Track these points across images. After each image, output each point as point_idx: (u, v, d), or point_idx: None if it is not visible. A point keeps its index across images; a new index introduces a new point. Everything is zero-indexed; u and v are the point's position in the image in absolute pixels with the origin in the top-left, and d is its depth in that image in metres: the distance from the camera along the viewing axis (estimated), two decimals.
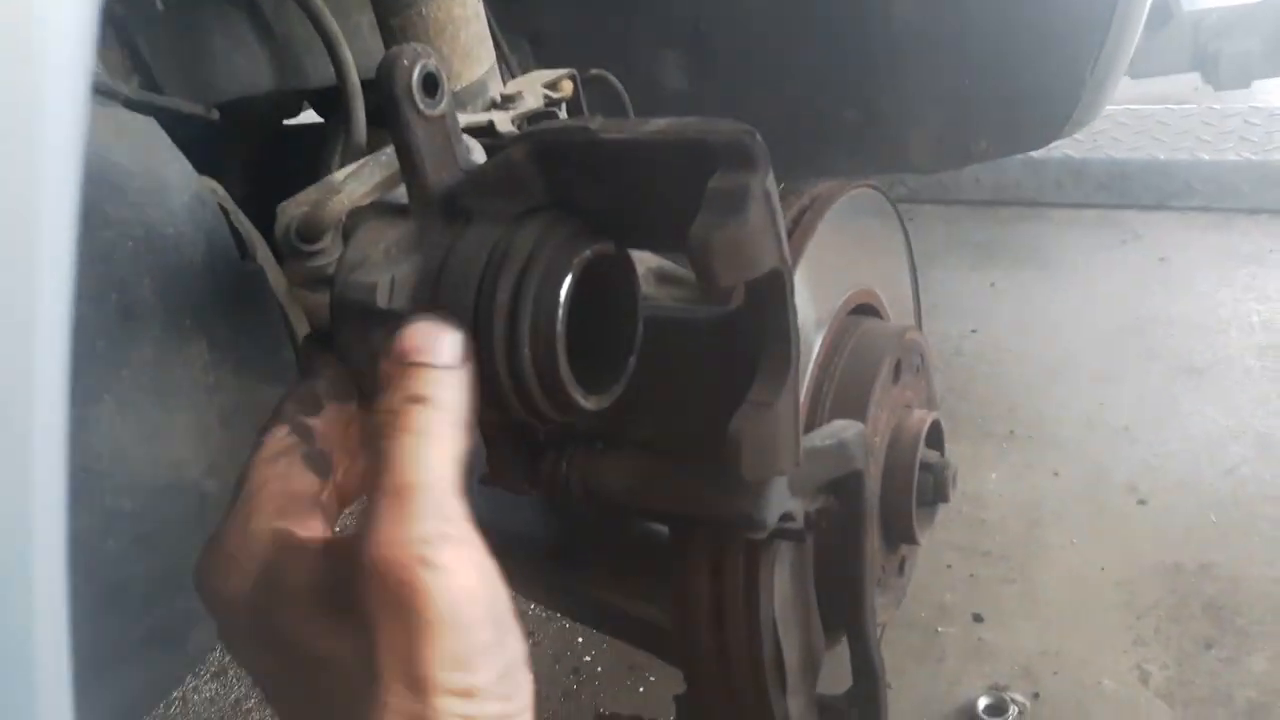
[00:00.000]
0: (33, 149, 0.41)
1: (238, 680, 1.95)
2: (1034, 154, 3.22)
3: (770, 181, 0.61)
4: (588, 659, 1.90)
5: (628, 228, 0.69)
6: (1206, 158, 3.11)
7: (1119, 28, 1.52)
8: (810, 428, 0.91)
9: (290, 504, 0.61)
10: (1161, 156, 3.15)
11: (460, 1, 0.96)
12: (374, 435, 0.56)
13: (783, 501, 0.74)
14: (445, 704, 0.50)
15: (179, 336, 0.83)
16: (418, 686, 0.50)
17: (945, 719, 1.70)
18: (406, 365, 0.57)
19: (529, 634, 1.93)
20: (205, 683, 1.96)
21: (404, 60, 0.66)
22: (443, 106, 0.68)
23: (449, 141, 0.70)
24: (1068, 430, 2.30)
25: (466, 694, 0.51)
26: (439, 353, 0.58)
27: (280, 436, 0.64)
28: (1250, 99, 3.32)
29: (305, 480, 0.62)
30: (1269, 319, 2.56)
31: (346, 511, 0.68)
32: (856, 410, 0.99)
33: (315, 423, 0.65)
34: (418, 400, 0.56)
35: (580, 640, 1.93)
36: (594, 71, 1.13)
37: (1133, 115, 3.37)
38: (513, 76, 1.12)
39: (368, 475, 0.56)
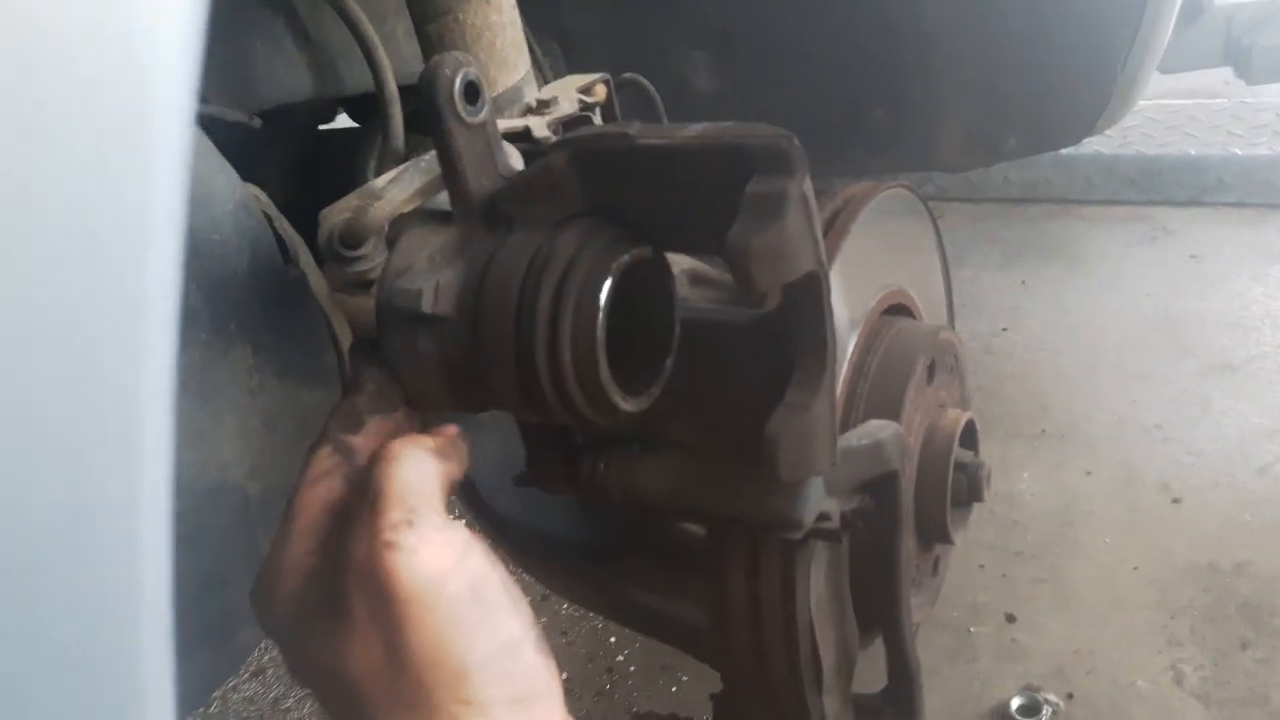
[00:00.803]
0: (145, 158, 0.43)
1: (276, 680, 1.98)
2: (1064, 151, 3.18)
3: (808, 185, 0.62)
4: (620, 658, 1.91)
5: (665, 232, 0.70)
6: (1239, 153, 3.08)
7: (1150, 23, 1.51)
8: (845, 428, 0.91)
9: (332, 526, 0.62)
10: (1193, 152, 3.13)
11: (496, 8, 0.97)
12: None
13: (819, 502, 0.75)
14: (438, 689, 0.53)
15: (225, 341, 0.84)
16: (406, 670, 0.53)
17: (979, 719, 1.70)
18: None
19: (562, 633, 1.95)
20: (245, 681, 1.99)
21: (446, 69, 0.67)
22: (483, 114, 0.70)
23: (489, 148, 0.71)
24: (1099, 429, 2.29)
25: (458, 675, 0.53)
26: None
27: (324, 456, 0.66)
28: None
29: (347, 500, 0.64)
30: None
31: None
32: (891, 410, 0.99)
33: (357, 440, 0.67)
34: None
35: (613, 640, 1.95)
36: (626, 75, 1.14)
37: (1163, 111, 3.35)
38: (547, 81, 1.13)
39: None
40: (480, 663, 0.54)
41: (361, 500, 0.59)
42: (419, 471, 0.59)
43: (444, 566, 0.55)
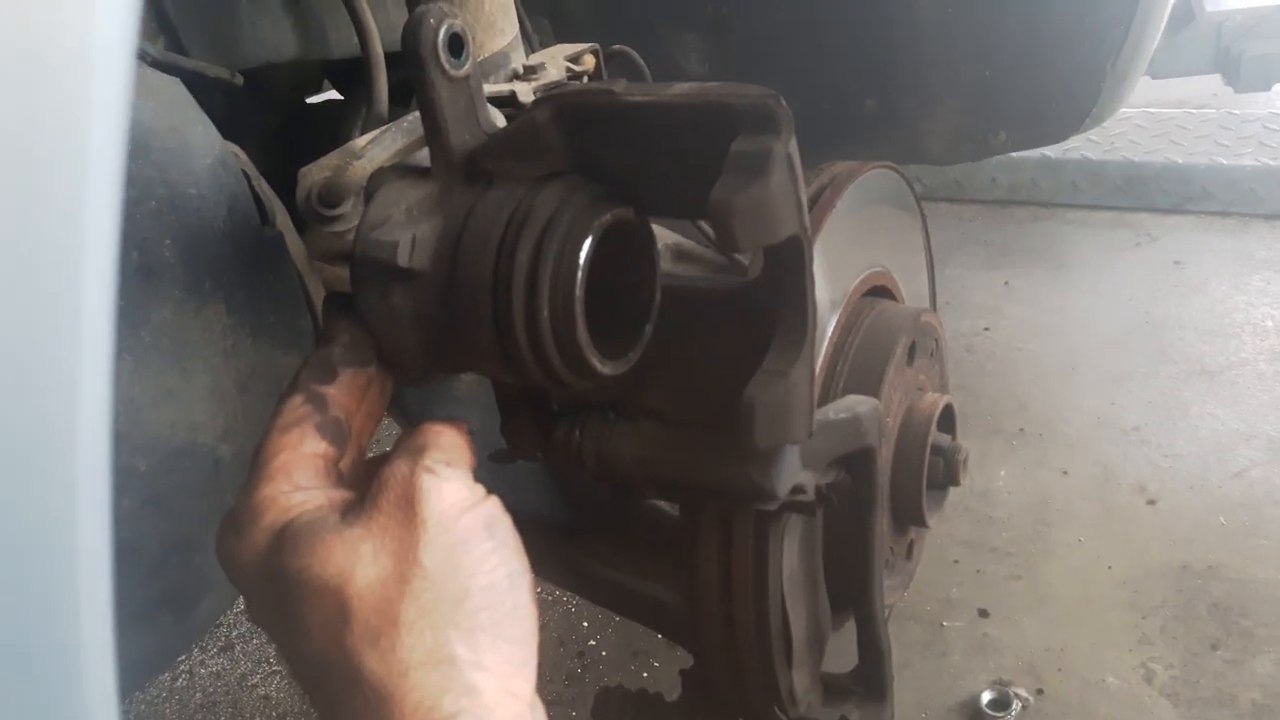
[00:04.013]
0: (82, 105, 0.42)
1: (244, 655, 1.96)
2: (1051, 155, 3.21)
3: (793, 146, 0.61)
4: (593, 643, 1.91)
5: (649, 193, 0.69)
6: (1224, 162, 3.09)
7: (1141, 23, 1.52)
8: (822, 406, 0.91)
9: (300, 472, 0.63)
10: (1179, 160, 3.14)
11: None
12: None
13: (794, 473, 0.74)
14: (436, 608, 0.56)
15: (198, 298, 0.83)
16: (409, 584, 0.56)
17: (949, 713, 1.70)
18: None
19: None
20: (212, 657, 1.97)
21: (430, 19, 0.66)
22: (467, 68, 0.69)
23: (472, 103, 0.70)
24: (1078, 429, 2.29)
25: (457, 596, 0.57)
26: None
27: (295, 405, 0.66)
28: (1270, 104, 3.31)
29: (317, 448, 0.64)
30: None
31: None
32: (870, 390, 0.99)
33: (330, 390, 0.67)
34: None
35: (586, 624, 1.94)
36: (615, 47, 1.13)
37: (1151, 118, 3.36)
38: (535, 50, 1.12)
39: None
40: (481, 588, 0.58)
41: (409, 439, 0.64)
42: (459, 443, 0.65)
43: (464, 501, 0.60)
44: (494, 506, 0.62)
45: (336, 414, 0.66)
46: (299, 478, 0.62)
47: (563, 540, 1.14)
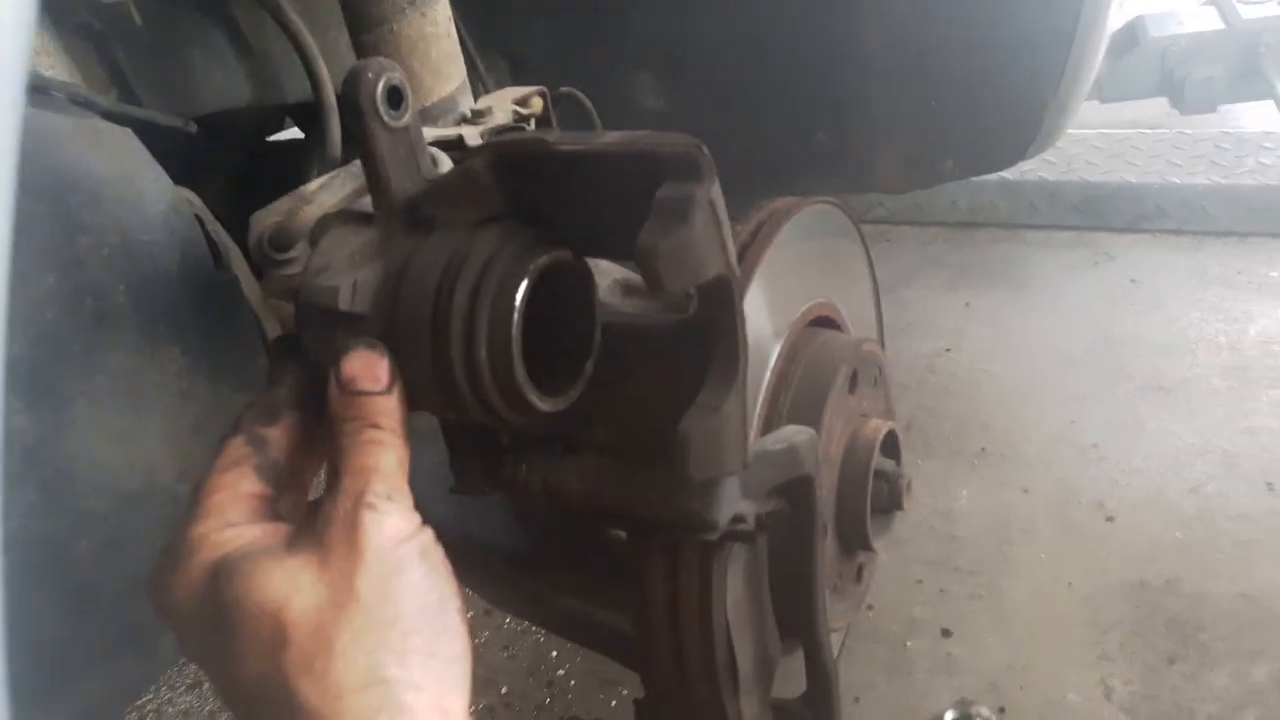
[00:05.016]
0: None
1: (212, 693, 1.95)
2: (1009, 176, 3.27)
3: (716, 191, 0.64)
4: (561, 673, 1.92)
5: (585, 236, 0.72)
6: (1177, 181, 3.16)
7: (1079, 51, 1.56)
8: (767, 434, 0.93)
9: (235, 510, 0.64)
10: (1133, 180, 3.20)
11: (431, 20, 0.99)
12: (334, 445, 0.66)
13: (734, 503, 0.76)
14: (367, 631, 0.58)
15: (153, 343, 0.85)
16: (344, 610, 0.58)
17: None
18: (351, 394, 0.66)
19: (504, 647, 1.96)
20: (181, 695, 1.97)
21: (369, 73, 0.68)
22: (406, 118, 0.71)
23: (413, 152, 0.72)
24: (1038, 448, 2.33)
25: (390, 619, 0.59)
26: (377, 379, 0.67)
27: (236, 446, 0.67)
28: (1220, 124, 3.38)
29: (254, 488, 0.66)
30: (1235, 340, 2.60)
31: None
32: (812, 418, 1.01)
33: (271, 432, 0.69)
34: (365, 422, 0.66)
35: (554, 654, 1.95)
36: (564, 89, 1.16)
37: (1106, 139, 3.43)
38: (486, 93, 1.15)
39: (328, 475, 0.65)
40: (413, 611, 0.60)
41: (338, 472, 0.64)
42: (398, 458, 0.65)
43: (402, 533, 0.62)
44: (428, 537, 0.64)
45: (276, 456, 0.67)
46: (232, 515, 0.64)
47: (524, 571, 1.16)
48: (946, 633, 1.89)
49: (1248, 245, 3.02)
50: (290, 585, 0.59)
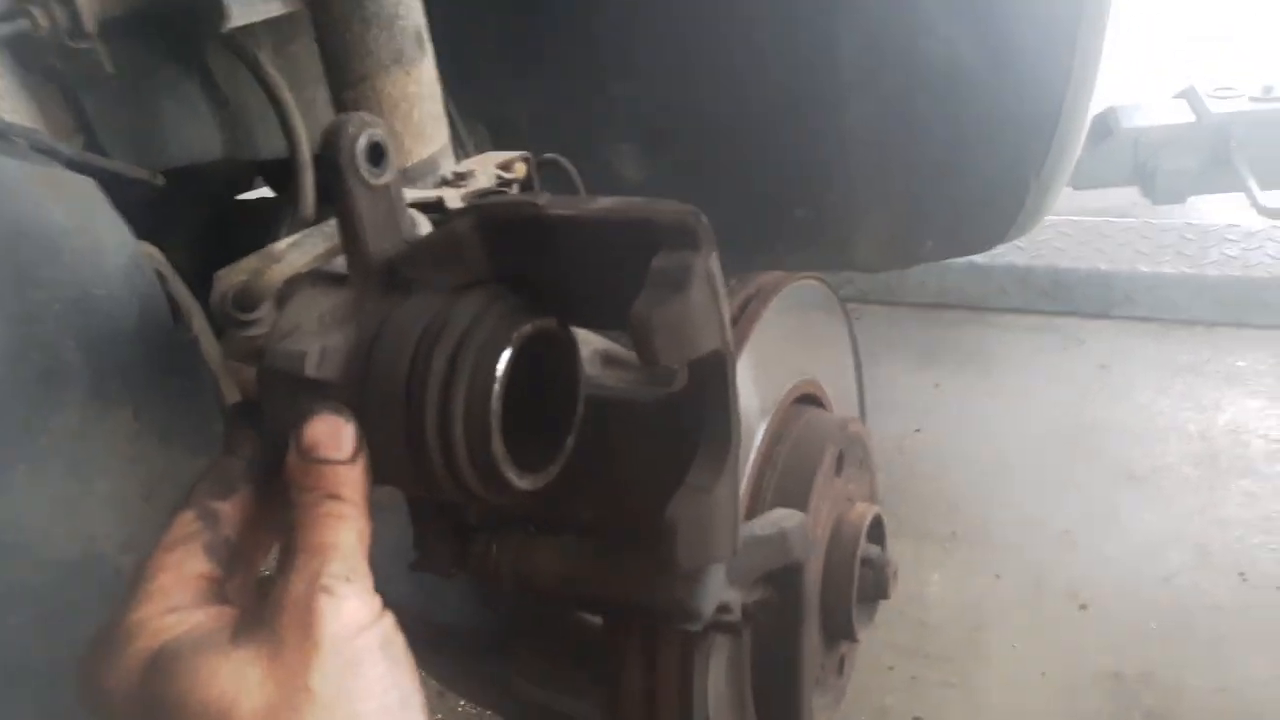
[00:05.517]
0: None
1: None
2: (979, 260, 3.29)
3: (714, 262, 0.60)
4: None
5: (571, 304, 0.68)
6: (1145, 269, 3.19)
7: (1062, 138, 1.57)
8: (751, 517, 0.89)
9: (179, 593, 0.59)
10: (1102, 267, 3.24)
11: (415, 79, 0.96)
12: (290, 518, 0.61)
13: (719, 592, 0.72)
14: None
15: (103, 403, 0.80)
16: (298, 711, 0.53)
17: None
18: (311, 462, 0.61)
19: None
20: None
21: (349, 128, 0.65)
22: (387, 176, 0.67)
23: (392, 211, 0.69)
24: (1009, 533, 2.30)
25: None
26: (340, 447, 0.62)
27: (185, 522, 0.63)
28: (1186, 215, 3.44)
29: (202, 568, 0.61)
30: (1205, 428, 2.61)
31: None
32: (798, 501, 0.97)
33: (224, 507, 0.64)
34: (324, 493, 0.61)
35: None
36: (547, 155, 1.13)
37: (1075, 226, 3.47)
38: (466, 157, 1.12)
39: (281, 552, 0.60)
40: (372, 712, 0.56)
41: (291, 549, 0.60)
42: (358, 533, 0.61)
43: (361, 621, 0.57)
44: (389, 625, 0.59)
45: (227, 532, 0.63)
46: (176, 599, 0.59)
47: (483, 654, 1.10)
48: None
49: (1214, 334, 3.05)
50: (237, 682, 0.54)
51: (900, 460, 2.59)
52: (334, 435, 0.62)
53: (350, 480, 0.62)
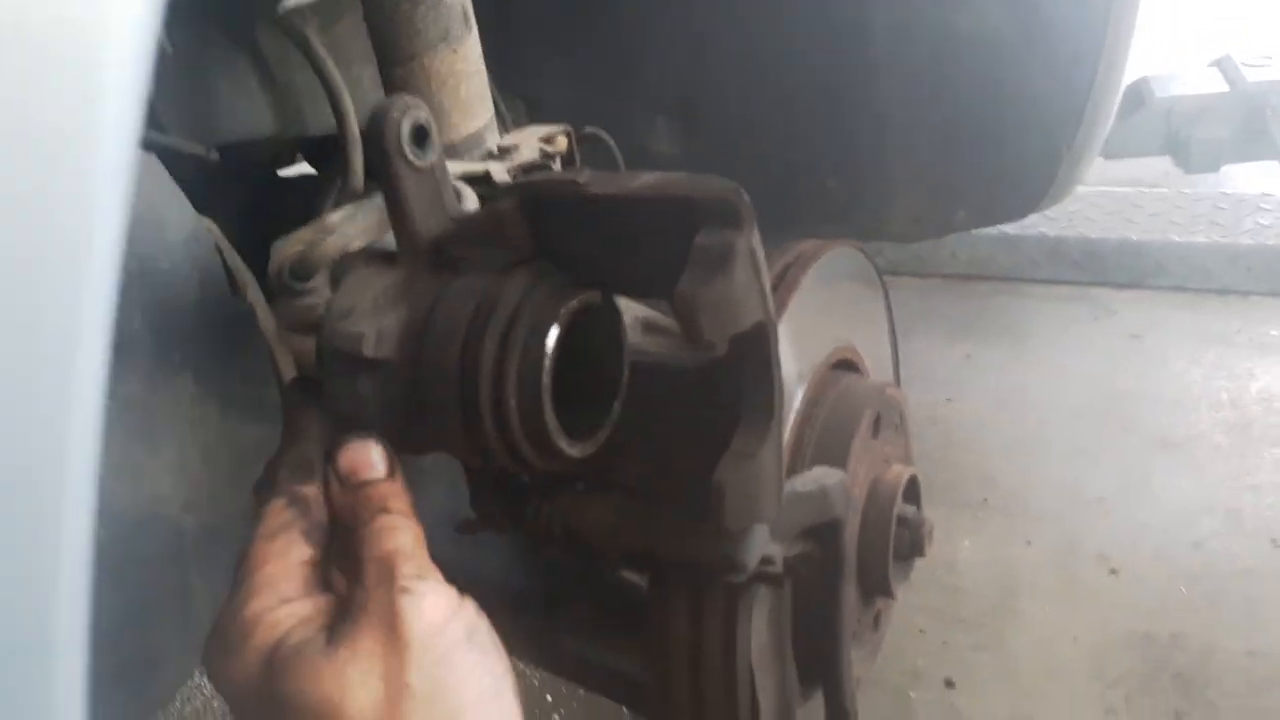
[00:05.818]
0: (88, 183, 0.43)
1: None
2: (1010, 231, 3.28)
3: (755, 239, 0.62)
4: (556, 717, 1.88)
5: (614, 278, 0.70)
6: (1177, 239, 3.17)
7: (1094, 107, 1.57)
8: (789, 477, 0.92)
9: (287, 583, 0.62)
10: (1134, 237, 3.22)
11: (463, 56, 0.99)
12: (350, 538, 0.65)
13: (763, 545, 0.75)
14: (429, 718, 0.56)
15: (167, 370, 0.83)
16: (401, 707, 0.56)
17: None
18: (354, 487, 0.66)
19: None
20: None
21: (394, 112, 0.67)
22: (432, 157, 0.69)
23: (438, 191, 0.70)
24: (1041, 500, 2.32)
25: (451, 713, 0.57)
26: (375, 466, 0.67)
27: (278, 510, 0.65)
28: (1219, 184, 3.41)
29: (304, 554, 0.64)
30: (1237, 397, 2.60)
31: None
32: (837, 462, 1.00)
33: (310, 490, 0.67)
34: (374, 510, 0.65)
35: (549, 698, 1.92)
36: (588, 129, 1.16)
37: (1107, 196, 3.45)
38: (508, 132, 1.15)
39: (352, 564, 0.64)
40: (471, 701, 0.59)
41: (365, 559, 0.63)
42: (415, 536, 0.64)
43: (444, 613, 0.60)
44: (471, 612, 0.62)
45: (319, 516, 0.66)
46: (285, 589, 0.62)
47: (527, 611, 1.14)
48: (950, 684, 1.87)
49: (1247, 303, 3.03)
50: (341, 682, 0.57)
51: (932, 429, 2.60)
52: (366, 458, 0.67)
53: (394, 493, 0.66)
